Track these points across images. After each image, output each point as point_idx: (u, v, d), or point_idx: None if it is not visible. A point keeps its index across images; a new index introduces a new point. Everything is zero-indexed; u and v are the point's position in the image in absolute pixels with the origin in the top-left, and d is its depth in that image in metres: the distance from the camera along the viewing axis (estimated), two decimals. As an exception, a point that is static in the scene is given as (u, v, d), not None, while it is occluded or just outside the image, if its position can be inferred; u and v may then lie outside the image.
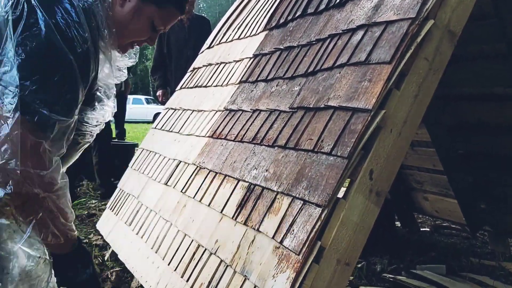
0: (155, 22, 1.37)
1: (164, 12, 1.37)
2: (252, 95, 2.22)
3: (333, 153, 1.45)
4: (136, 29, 1.37)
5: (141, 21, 1.35)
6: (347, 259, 1.39)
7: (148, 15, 1.35)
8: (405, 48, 1.44)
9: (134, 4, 1.33)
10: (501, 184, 3.12)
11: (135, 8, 1.33)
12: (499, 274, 2.96)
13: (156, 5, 1.35)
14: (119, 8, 1.33)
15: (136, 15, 1.34)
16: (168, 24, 1.42)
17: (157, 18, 1.36)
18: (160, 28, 1.40)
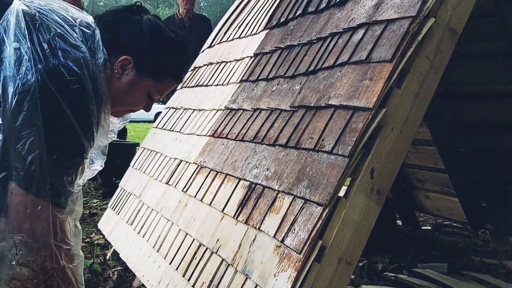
0: (151, 93, 1.38)
1: (161, 84, 1.38)
2: (253, 94, 2.21)
3: (334, 152, 1.45)
4: (133, 100, 1.38)
5: (138, 93, 1.36)
6: (348, 258, 1.39)
7: (145, 88, 1.36)
8: (406, 47, 1.44)
9: (131, 77, 1.33)
10: (503, 182, 3.11)
11: (132, 81, 1.34)
12: (500, 272, 2.96)
13: (153, 79, 1.36)
14: (116, 81, 1.33)
15: (132, 88, 1.35)
16: (164, 93, 1.43)
17: (153, 90, 1.38)
18: (155, 98, 1.41)
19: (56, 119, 1.15)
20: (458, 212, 3.45)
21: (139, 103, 1.40)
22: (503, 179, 3.09)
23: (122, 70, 1.33)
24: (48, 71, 1.15)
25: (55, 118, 1.15)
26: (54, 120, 1.15)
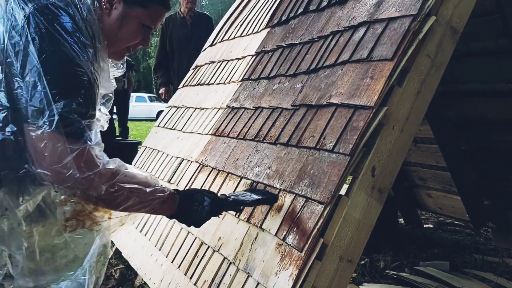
0: (144, 23, 1.40)
1: (151, 11, 1.40)
2: (255, 92, 2.22)
3: (335, 150, 1.45)
4: (128, 34, 1.39)
5: (131, 25, 1.38)
6: (349, 256, 1.39)
7: (136, 18, 1.38)
8: (407, 45, 1.44)
9: (120, 10, 1.36)
10: (505, 180, 3.11)
11: (122, 14, 1.36)
12: (502, 270, 2.95)
13: (141, 7, 1.37)
14: (106, 17, 1.35)
15: (124, 20, 1.36)
16: (157, 22, 1.44)
17: (145, 18, 1.39)
18: (151, 27, 1.42)
19: (52, 52, 1.17)
20: (460, 210, 3.45)
21: (134, 35, 1.41)
22: (505, 177, 3.09)
23: (110, 5, 1.35)
24: (38, 9, 1.18)
25: (51, 51, 1.17)
26: (50, 53, 1.17)
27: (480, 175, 3.26)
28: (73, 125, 1.17)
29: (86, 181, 1.18)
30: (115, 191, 1.23)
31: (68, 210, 1.25)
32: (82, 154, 1.17)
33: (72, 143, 1.16)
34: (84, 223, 1.29)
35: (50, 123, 1.14)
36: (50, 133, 1.14)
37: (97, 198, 1.23)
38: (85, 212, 1.28)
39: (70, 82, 1.19)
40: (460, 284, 2.68)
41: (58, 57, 1.18)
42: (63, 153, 1.14)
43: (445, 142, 3.22)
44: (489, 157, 3.13)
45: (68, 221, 1.26)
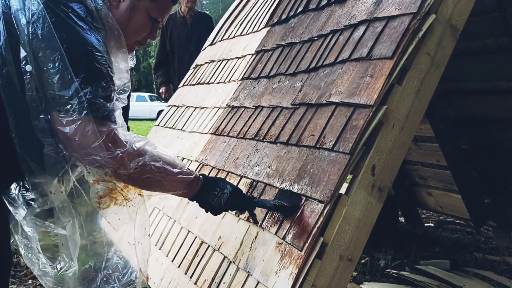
0: (152, 15, 1.41)
1: (158, 4, 1.41)
2: (255, 91, 2.22)
3: (335, 149, 1.45)
4: (136, 26, 1.41)
5: (139, 17, 1.40)
6: (349, 255, 1.39)
7: (144, 10, 1.39)
8: (407, 43, 1.44)
9: (128, 2, 1.38)
10: (505, 179, 3.11)
11: (130, 6, 1.38)
12: (503, 269, 2.95)
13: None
14: (115, 10, 1.37)
15: (132, 13, 1.38)
16: (164, 15, 1.46)
17: (153, 11, 1.41)
18: (158, 20, 1.44)
19: (71, 39, 1.21)
20: (460, 209, 3.45)
21: (142, 28, 1.43)
22: (506, 175, 3.08)
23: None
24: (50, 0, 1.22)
25: (70, 38, 1.21)
26: (70, 40, 1.21)
27: (480, 174, 3.26)
28: (100, 109, 1.22)
29: (115, 160, 1.23)
30: (143, 169, 1.28)
31: (101, 189, 1.33)
32: (110, 135, 1.23)
33: (101, 126, 1.22)
34: (116, 199, 1.37)
35: (79, 109, 1.19)
36: (81, 119, 1.19)
37: (127, 176, 1.28)
38: (117, 190, 1.36)
39: (93, 67, 1.23)
40: (460, 282, 2.68)
41: (79, 44, 1.22)
42: (93, 137, 1.20)
43: (446, 140, 3.22)
44: (489, 156, 3.13)
45: (101, 199, 1.34)
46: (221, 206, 1.46)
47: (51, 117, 1.20)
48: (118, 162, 1.24)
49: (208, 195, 1.44)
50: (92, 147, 1.20)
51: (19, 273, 2.96)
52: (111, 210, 1.37)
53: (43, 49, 1.19)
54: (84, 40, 1.22)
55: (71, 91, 1.18)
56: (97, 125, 1.20)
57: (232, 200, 1.46)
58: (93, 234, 1.42)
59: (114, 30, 1.33)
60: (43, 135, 1.21)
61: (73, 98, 1.18)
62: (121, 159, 1.24)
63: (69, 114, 1.18)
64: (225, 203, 1.46)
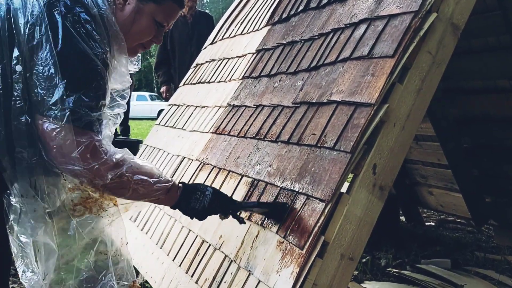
0: (157, 19, 1.40)
1: (163, 8, 1.40)
2: (255, 90, 2.21)
3: (336, 148, 1.44)
4: (140, 30, 1.40)
5: (143, 20, 1.38)
6: (351, 253, 1.39)
7: (149, 14, 1.38)
8: (408, 42, 1.44)
9: (133, 5, 1.37)
10: (506, 178, 3.10)
11: (135, 9, 1.37)
12: (504, 268, 2.95)
13: (154, 2, 1.38)
14: (120, 12, 1.36)
15: (137, 16, 1.37)
16: (170, 20, 1.44)
17: (158, 15, 1.39)
18: (164, 24, 1.42)
19: (66, 45, 1.20)
20: (461, 208, 3.44)
21: (147, 31, 1.41)
22: (507, 174, 3.08)
23: (123, 0, 1.36)
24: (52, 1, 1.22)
25: (64, 44, 1.20)
26: (65, 46, 1.20)
27: (481, 173, 3.26)
28: (82, 118, 1.21)
29: (91, 171, 1.23)
30: (120, 180, 1.27)
31: (75, 197, 1.33)
32: (89, 146, 1.22)
33: (81, 136, 1.21)
34: (91, 209, 1.35)
35: (61, 116, 1.18)
36: (61, 127, 1.18)
37: (103, 187, 1.28)
38: (92, 199, 1.34)
39: (82, 75, 1.22)
40: (461, 281, 2.68)
41: (72, 50, 1.21)
42: (71, 147, 1.19)
43: (447, 139, 3.22)
44: (490, 154, 3.13)
45: (76, 206, 1.33)
46: (205, 208, 1.44)
47: (34, 120, 1.19)
48: (94, 173, 1.23)
49: (190, 201, 1.43)
50: (69, 156, 1.19)
51: (20, 272, 2.96)
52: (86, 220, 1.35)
53: (35, 51, 1.19)
54: (78, 47, 1.21)
55: (56, 96, 1.18)
56: (77, 135, 1.20)
57: (215, 201, 1.45)
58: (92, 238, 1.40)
59: (118, 35, 1.32)
60: (18, 137, 1.20)
61: (57, 104, 1.18)
62: (97, 171, 1.23)
63: (51, 119, 1.18)
64: (209, 205, 1.44)
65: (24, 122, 1.20)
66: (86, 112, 1.21)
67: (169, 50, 5.11)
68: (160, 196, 1.37)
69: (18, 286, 2.79)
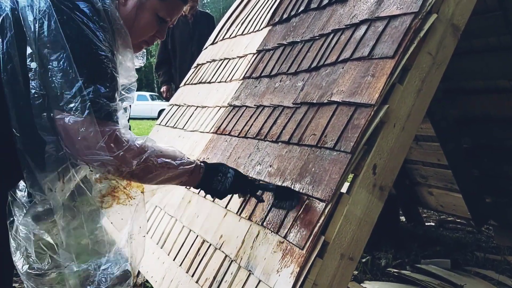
0: (160, 14, 1.39)
1: (166, 3, 1.40)
2: (256, 90, 2.22)
3: (337, 148, 1.45)
4: (143, 25, 1.39)
5: (146, 15, 1.38)
6: (351, 253, 1.39)
7: (152, 8, 1.37)
8: (408, 43, 1.44)
9: (135, 0, 1.36)
10: (506, 178, 3.11)
11: (137, 4, 1.36)
12: (504, 268, 2.95)
13: None
14: (122, 8, 1.36)
15: (139, 11, 1.36)
16: (173, 15, 1.43)
17: (161, 10, 1.39)
18: (167, 20, 1.42)
19: (76, 37, 1.21)
20: (461, 208, 3.45)
21: (149, 27, 1.41)
22: (507, 174, 3.08)
23: None
24: None
25: (75, 37, 1.20)
26: (76, 39, 1.20)
27: (482, 173, 3.26)
28: (102, 109, 1.22)
29: (117, 159, 1.23)
30: (145, 165, 1.28)
31: (103, 187, 1.34)
32: (112, 135, 1.23)
33: (103, 126, 1.21)
34: (119, 198, 1.37)
35: (82, 109, 1.18)
36: (83, 119, 1.18)
37: (129, 174, 1.28)
38: (119, 188, 1.36)
39: (97, 66, 1.23)
40: (461, 282, 2.69)
41: (84, 43, 1.21)
42: (95, 138, 1.20)
43: (447, 139, 3.22)
44: (490, 155, 3.13)
45: (104, 197, 1.34)
46: (226, 190, 1.49)
47: (54, 115, 1.19)
48: (121, 161, 1.24)
49: (212, 181, 1.47)
50: (95, 147, 1.20)
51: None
52: (113, 210, 1.37)
53: (48, 46, 1.19)
54: (89, 39, 1.22)
55: (74, 89, 1.18)
56: (99, 126, 1.20)
57: (236, 183, 1.49)
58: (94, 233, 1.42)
59: (122, 29, 1.32)
60: (46, 133, 1.21)
61: (76, 97, 1.18)
62: (123, 157, 1.24)
63: (72, 113, 1.18)
64: (230, 187, 1.48)
65: (46, 117, 1.20)
66: (105, 103, 1.22)
67: (169, 50, 5.12)
68: (184, 178, 1.40)
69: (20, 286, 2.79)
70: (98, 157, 1.21)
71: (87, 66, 1.21)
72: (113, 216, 1.38)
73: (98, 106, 1.21)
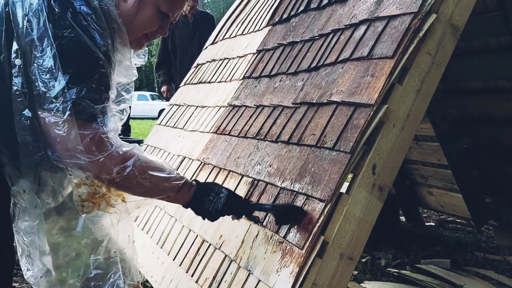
0: (162, 9, 1.36)
1: None
2: (256, 90, 2.22)
3: (336, 148, 1.45)
4: (144, 20, 1.35)
5: (147, 10, 1.34)
6: (350, 253, 1.40)
7: (153, 4, 1.34)
8: (408, 43, 1.44)
9: None
10: (506, 178, 3.11)
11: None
12: (504, 268, 2.95)
13: None
14: (123, 3, 1.32)
15: (141, 6, 1.33)
16: (175, 10, 1.40)
17: (162, 5, 1.35)
18: (168, 15, 1.38)
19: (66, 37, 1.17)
20: (461, 208, 3.45)
21: (151, 22, 1.37)
22: (507, 174, 3.08)
23: None
24: None
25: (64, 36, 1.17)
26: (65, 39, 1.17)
27: (481, 173, 3.26)
28: (85, 111, 1.18)
29: (96, 164, 1.19)
30: (127, 174, 1.23)
31: (82, 193, 1.28)
32: (93, 138, 1.19)
33: (84, 128, 1.18)
34: (99, 205, 1.32)
35: (63, 109, 1.15)
36: (64, 120, 1.15)
37: (109, 181, 1.24)
38: (99, 195, 1.30)
39: (84, 67, 1.20)
40: (461, 282, 2.69)
41: (73, 42, 1.18)
42: (75, 140, 1.16)
43: (447, 140, 3.22)
44: (490, 155, 3.13)
45: (84, 202, 1.30)
46: (218, 211, 1.42)
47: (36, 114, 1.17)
48: (100, 166, 1.20)
49: (204, 201, 1.40)
50: (74, 149, 1.17)
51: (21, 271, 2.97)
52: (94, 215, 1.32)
53: (35, 44, 1.16)
54: (78, 39, 1.18)
55: (57, 89, 1.15)
56: (80, 128, 1.17)
57: (228, 204, 1.43)
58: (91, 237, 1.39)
59: (120, 27, 1.29)
60: (22, 132, 1.17)
61: (58, 97, 1.15)
62: (103, 163, 1.20)
63: (53, 113, 1.15)
64: (222, 208, 1.42)
65: (26, 117, 1.17)
66: (89, 105, 1.18)
67: (170, 50, 5.12)
68: (170, 194, 1.35)
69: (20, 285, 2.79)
70: (76, 161, 1.17)
71: (73, 66, 1.18)
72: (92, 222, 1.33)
73: (80, 107, 1.17)
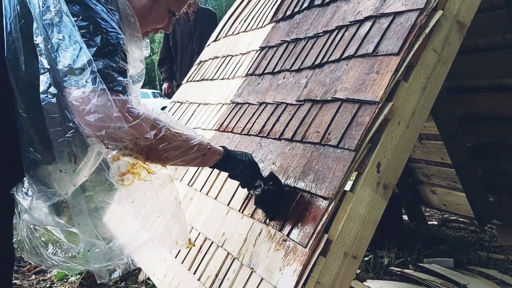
0: (171, 8, 1.43)
1: None
2: (259, 88, 2.21)
3: (340, 146, 1.44)
4: (156, 18, 1.43)
5: (160, 9, 1.41)
6: (354, 252, 1.38)
7: (166, 3, 1.41)
8: (413, 40, 1.43)
9: None
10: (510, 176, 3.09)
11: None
12: (507, 267, 2.94)
13: None
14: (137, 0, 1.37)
15: (155, 5, 1.40)
16: (182, 8, 1.49)
17: (173, 5, 1.43)
18: (176, 13, 1.46)
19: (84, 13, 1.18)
20: (464, 207, 3.44)
21: (161, 20, 1.44)
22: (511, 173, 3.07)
23: None
24: None
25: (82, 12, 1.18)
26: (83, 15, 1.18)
27: (485, 172, 3.24)
28: (114, 81, 1.18)
29: (134, 128, 1.18)
30: (163, 135, 1.23)
31: (121, 165, 1.28)
32: (125, 105, 1.18)
33: (115, 96, 1.17)
34: (139, 174, 1.32)
35: (92, 80, 1.14)
36: (95, 91, 1.14)
37: (148, 148, 1.22)
38: (139, 164, 1.30)
39: (106, 42, 1.20)
40: (464, 281, 2.68)
41: (92, 19, 1.19)
42: (109, 108, 1.14)
43: (450, 138, 3.21)
44: (494, 153, 3.12)
45: (123, 176, 1.29)
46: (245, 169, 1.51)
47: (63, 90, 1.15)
48: (138, 131, 1.19)
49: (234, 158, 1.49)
50: (109, 118, 1.14)
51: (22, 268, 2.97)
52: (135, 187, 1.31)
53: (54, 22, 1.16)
54: (98, 14, 1.19)
55: (83, 63, 1.14)
56: (112, 95, 1.15)
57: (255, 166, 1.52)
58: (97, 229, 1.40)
59: (130, 17, 1.31)
60: (50, 111, 1.16)
61: (85, 69, 1.14)
62: (140, 127, 1.18)
63: (82, 86, 1.13)
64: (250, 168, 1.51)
65: (52, 94, 1.15)
66: (116, 76, 1.18)
67: (171, 47, 5.11)
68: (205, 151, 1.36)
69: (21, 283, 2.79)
70: (114, 130, 1.15)
71: (96, 40, 1.18)
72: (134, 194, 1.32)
73: (109, 78, 1.16)
